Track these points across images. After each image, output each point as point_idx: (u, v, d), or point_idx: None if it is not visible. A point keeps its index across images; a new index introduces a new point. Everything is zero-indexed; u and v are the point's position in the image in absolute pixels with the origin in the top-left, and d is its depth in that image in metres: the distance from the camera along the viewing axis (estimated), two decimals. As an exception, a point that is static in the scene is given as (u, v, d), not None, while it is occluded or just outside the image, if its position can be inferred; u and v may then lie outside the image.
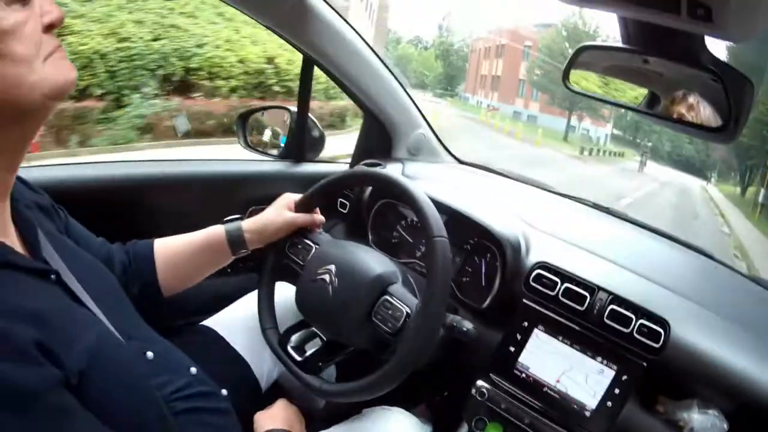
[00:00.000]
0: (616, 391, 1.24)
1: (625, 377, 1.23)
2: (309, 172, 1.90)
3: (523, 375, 1.32)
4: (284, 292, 1.36)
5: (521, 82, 53.37)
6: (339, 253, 1.24)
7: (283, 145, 1.86)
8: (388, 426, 1.30)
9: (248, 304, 1.42)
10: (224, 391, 1.08)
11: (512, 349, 1.34)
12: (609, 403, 1.23)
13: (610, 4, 0.80)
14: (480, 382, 1.35)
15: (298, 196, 1.33)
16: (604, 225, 1.78)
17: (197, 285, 1.29)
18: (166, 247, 1.21)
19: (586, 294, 1.30)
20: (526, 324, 1.34)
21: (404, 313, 1.13)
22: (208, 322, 1.35)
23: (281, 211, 1.29)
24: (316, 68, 1.74)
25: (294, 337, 1.23)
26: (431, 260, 1.11)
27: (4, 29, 0.68)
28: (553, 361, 1.31)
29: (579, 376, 1.28)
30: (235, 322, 1.35)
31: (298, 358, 1.20)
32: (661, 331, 1.19)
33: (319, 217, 1.34)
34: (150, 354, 0.94)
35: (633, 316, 1.24)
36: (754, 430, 1.17)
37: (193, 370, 1.03)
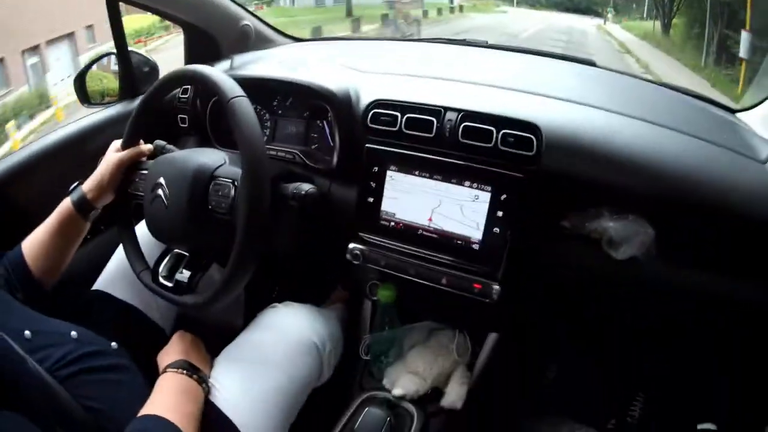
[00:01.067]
0: (499, 213, 1.05)
1: (504, 196, 1.04)
2: None
3: (392, 224, 1.14)
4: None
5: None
6: (164, 165, 1.14)
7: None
8: (274, 321, 1.21)
9: (122, 252, 1.30)
10: (114, 344, 1.05)
11: (371, 199, 1.15)
12: (496, 230, 1.06)
13: None
14: (351, 245, 1.18)
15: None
16: (458, 55, 1.59)
17: (77, 258, 1.22)
18: (32, 245, 1.15)
19: (432, 119, 1.09)
20: (376, 169, 1.14)
21: (231, 186, 1.05)
22: (96, 286, 1.27)
23: (108, 157, 1.21)
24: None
25: (161, 268, 1.14)
26: (234, 124, 0.98)
27: None
28: (418, 200, 1.11)
29: (452, 209, 1.09)
30: (116, 275, 1.27)
31: (170, 285, 1.11)
32: (532, 137, 1.02)
33: (143, 147, 1.23)
34: (27, 333, 0.93)
35: (493, 128, 1.04)
36: (689, 231, 1.01)
37: (74, 334, 0.99)
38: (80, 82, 1.61)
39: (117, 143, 1.22)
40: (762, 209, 0.96)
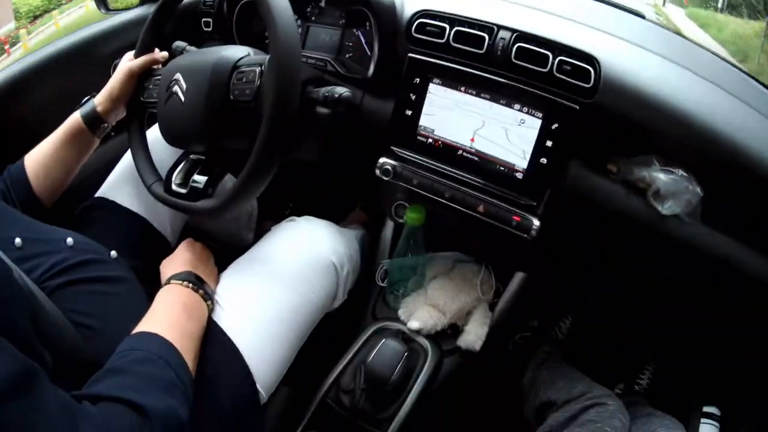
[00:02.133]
0: (548, 143, 0.97)
1: (555, 126, 0.96)
2: None
3: (429, 140, 1.06)
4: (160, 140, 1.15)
5: None
6: (182, 61, 1.06)
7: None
8: (291, 235, 1.13)
9: (129, 159, 1.24)
10: (114, 253, 0.99)
11: (408, 112, 1.07)
12: (543, 160, 0.98)
13: None
14: (382, 159, 1.10)
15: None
16: None
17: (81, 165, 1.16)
18: (35, 158, 1.08)
19: (484, 35, 1.01)
20: (417, 80, 1.05)
21: (257, 71, 0.96)
22: (100, 193, 1.19)
23: (121, 65, 1.13)
24: None
25: (175, 176, 1.06)
26: (262, 4, 0.90)
27: None
28: (461, 118, 1.03)
29: (497, 132, 1.00)
30: (122, 183, 1.20)
31: (184, 191, 1.03)
32: (590, 68, 0.94)
33: (158, 54, 1.15)
34: (18, 240, 0.86)
35: (549, 53, 0.96)
36: (736, 201, 0.96)
37: (70, 240, 0.93)
38: None
39: (130, 53, 1.15)
40: None
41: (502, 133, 0.99)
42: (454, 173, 1.05)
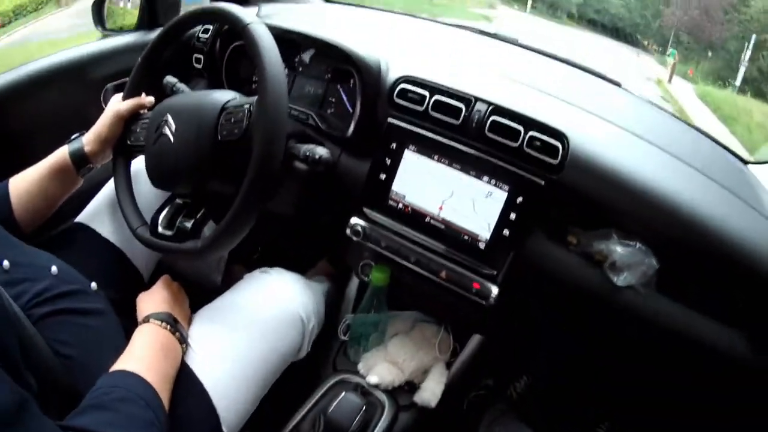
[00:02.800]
0: (512, 216, 1.02)
1: (520, 199, 1.01)
2: None
3: (400, 205, 1.10)
4: (145, 182, 1.17)
5: None
6: (171, 102, 1.09)
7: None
8: (262, 287, 1.15)
9: (112, 189, 1.23)
10: (94, 285, 1.00)
11: (383, 176, 1.10)
12: (506, 232, 1.02)
13: None
14: (354, 220, 1.13)
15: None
16: (489, 47, 1.54)
17: None
18: (20, 186, 1.08)
19: (461, 106, 1.05)
20: (394, 145, 1.09)
21: (245, 111, 0.98)
22: (80, 218, 1.21)
23: (109, 107, 1.14)
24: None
25: (162, 217, 1.07)
26: (252, 48, 0.94)
27: None
28: (431, 186, 1.07)
29: (464, 202, 1.05)
30: (102, 213, 1.21)
31: (170, 233, 1.05)
32: (558, 144, 0.99)
33: (145, 99, 1.16)
34: (6, 263, 0.88)
35: (521, 128, 1.00)
36: (690, 272, 1.00)
37: (54, 269, 0.94)
38: (99, 7, 1.53)
39: (119, 96, 1.16)
40: (763, 265, 0.94)
41: (469, 204, 1.04)
42: (420, 239, 1.09)
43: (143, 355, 0.86)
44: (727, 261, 0.94)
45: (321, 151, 1.00)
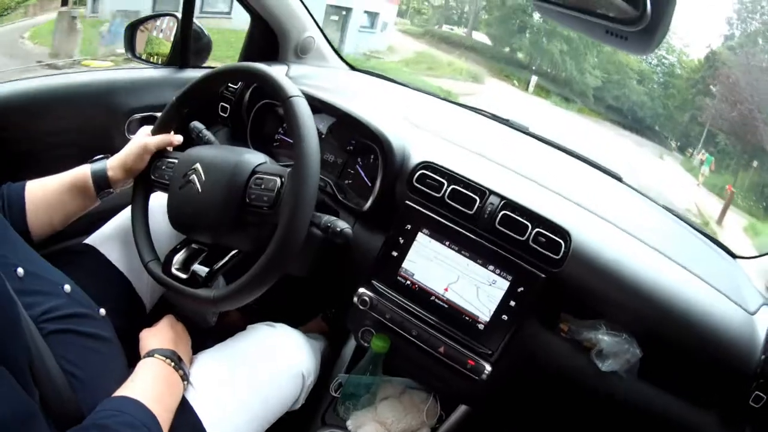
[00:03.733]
0: (512, 303, 1.10)
1: (521, 289, 1.09)
2: (192, 77, 1.65)
3: (408, 282, 1.17)
4: (160, 217, 1.20)
5: None
6: (202, 153, 1.12)
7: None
8: (269, 341, 1.21)
9: (126, 218, 1.27)
10: (102, 311, 1.02)
11: (395, 253, 1.17)
12: (504, 317, 1.10)
13: None
14: (362, 290, 1.20)
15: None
16: (501, 135, 1.62)
17: None
18: (37, 194, 1.08)
19: (476, 197, 1.13)
20: (409, 227, 1.16)
21: (277, 182, 1.03)
22: (89, 240, 1.23)
23: (137, 138, 1.16)
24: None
25: (177, 258, 1.10)
26: (292, 121, 0.99)
27: None
28: (440, 268, 1.14)
29: (469, 287, 1.12)
30: (114, 239, 1.23)
31: (184, 276, 1.08)
32: (561, 242, 1.07)
33: (174, 137, 1.19)
34: (21, 270, 0.87)
35: (528, 224, 1.09)
36: (671, 360, 1.08)
37: (67, 288, 0.96)
38: (131, 32, 1.59)
39: (148, 128, 1.19)
40: (742, 358, 1.03)
41: (473, 290, 1.11)
42: (423, 315, 1.16)
43: (148, 387, 0.90)
44: (705, 353, 1.04)
45: (342, 225, 1.05)
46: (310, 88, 1.28)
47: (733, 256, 1.41)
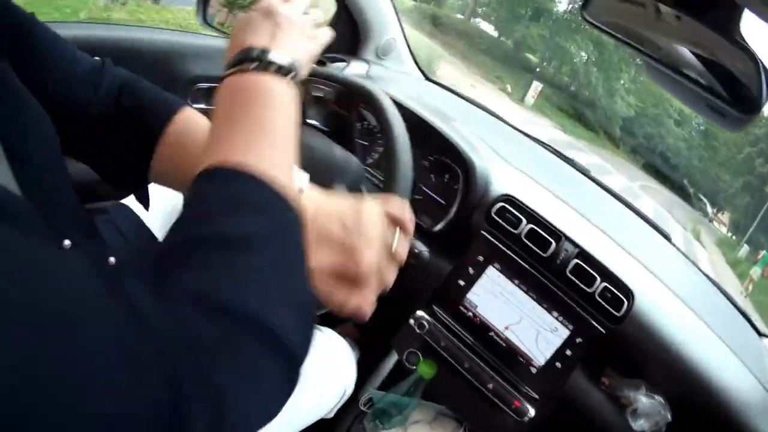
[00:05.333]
0: (568, 352, 1.11)
1: (579, 340, 1.10)
2: None
3: (470, 313, 1.17)
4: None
5: None
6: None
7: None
8: (319, 345, 1.20)
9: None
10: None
11: (462, 282, 1.18)
12: (558, 364, 1.12)
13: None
14: (420, 313, 1.20)
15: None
16: (570, 175, 1.63)
17: None
18: (193, 124, 0.80)
19: (552, 240, 1.14)
20: (481, 258, 1.17)
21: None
22: (127, 201, 1.16)
23: None
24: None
25: None
26: (389, 146, 0.97)
27: None
28: (504, 306, 1.15)
29: (530, 329, 1.13)
30: (155, 202, 1.14)
31: None
32: (625, 300, 1.09)
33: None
34: (67, 242, 0.72)
35: (598, 277, 1.10)
36: (696, 426, 1.10)
37: (112, 260, 0.85)
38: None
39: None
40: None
41: (533, 333, 1.13)
42: (479, 349, 1.17)
43: None
44: (727, 426, 1.06)
45: (421, 247, 1.07)
46: (398, 96, 1.28)
47: (760, 333, 1.44)
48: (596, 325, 1.09)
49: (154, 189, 1.14)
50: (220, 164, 0.50)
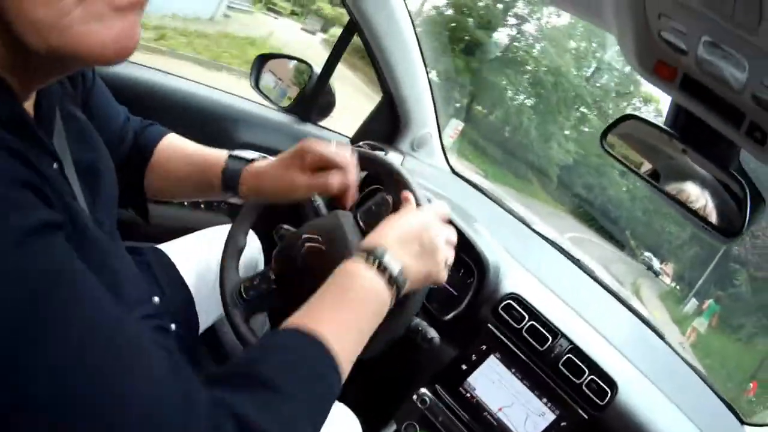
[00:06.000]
0: None
1: (563, 424, 1.25)
2: (310, 133, 1.75)
3: (468, 395, 1.31)
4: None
5: None
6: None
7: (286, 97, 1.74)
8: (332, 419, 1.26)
9: (207, 236, 1.30)
10: (173, 326, 1.00)
11: (464, 367, 1.32)
12: None
13: (678, 91, 0.79)
14: (423, 390, 1.33)
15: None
16: (572, 273, 1.77)
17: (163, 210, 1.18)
18: (175, 146, 1.03)
19: (549, 336, 1.28)
20: (484, 347, 1.31)
21: None
22: (163, 246, 1.21)
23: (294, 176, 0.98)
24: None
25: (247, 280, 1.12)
26: None
27: None
28: (499, 390, 1.30)
29: (520, 412, 1.28)
30: (190, 253, 1.22)
31: (242, 299, 1.10)
32: (609, 391, 1.23)
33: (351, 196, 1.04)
34: (156, 299, 0.91)
35: (586, 370, 1.24)
36: None
37: (156, 300, 0.96)
38: (260, 64, 1.62)
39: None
40: None
41: (523, 416, 1.27)
42: (473, 426, 1.30)
43: None
44: None
45: (433, 334, 1.15)
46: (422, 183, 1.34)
47: (741, 422, 1.54)
48: (580, 412, 1.23)
49: (187, 242, 1.23)
50: (301, 326, 0.65)
